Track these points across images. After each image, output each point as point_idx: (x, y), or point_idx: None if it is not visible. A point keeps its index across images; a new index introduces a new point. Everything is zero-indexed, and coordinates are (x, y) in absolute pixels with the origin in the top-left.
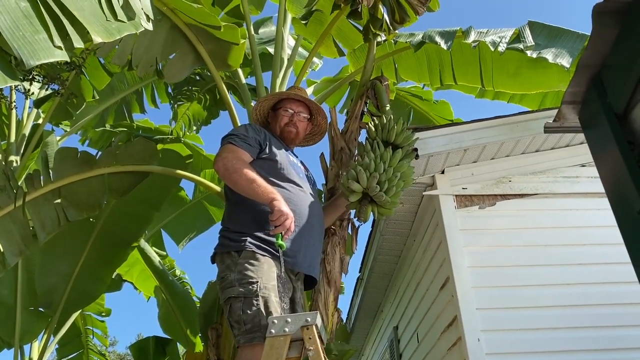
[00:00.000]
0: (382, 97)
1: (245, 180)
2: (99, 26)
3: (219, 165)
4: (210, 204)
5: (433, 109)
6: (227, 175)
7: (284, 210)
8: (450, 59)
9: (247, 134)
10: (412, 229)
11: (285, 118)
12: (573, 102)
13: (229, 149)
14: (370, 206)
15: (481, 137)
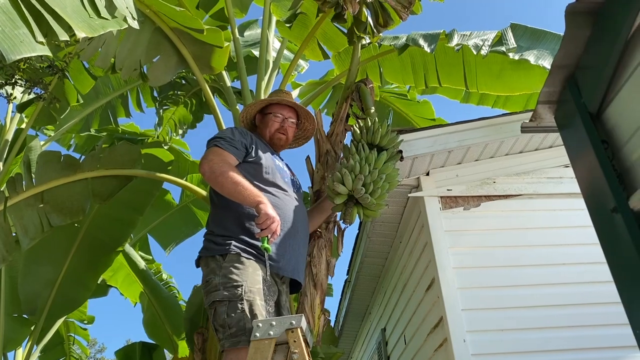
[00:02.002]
0: (367, 100)
1: (231, 183)
2: (81, 22)
3: (204, 167)
4: (197, 208)
5: (414, 110)
6: (213, 177)
7: (270, 213)
8: (435, 62)
9: (233, 137)
10: (398, 231)
11: (276, 124)
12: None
13: (215, 151)
14: (356, 208)
15: (466, 139)
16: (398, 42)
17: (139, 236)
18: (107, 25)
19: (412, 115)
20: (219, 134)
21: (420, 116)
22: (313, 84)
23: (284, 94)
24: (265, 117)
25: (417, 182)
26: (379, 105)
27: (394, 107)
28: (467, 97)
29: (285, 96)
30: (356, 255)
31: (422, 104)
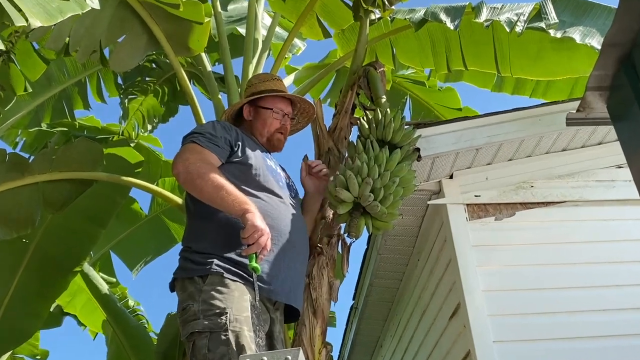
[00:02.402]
0: (376, 87)
1: (212, 186)
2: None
3: (178, 168)
4: (170, 219)
5: (436, 98)
6: (190, 180)
7: (258, 224)
8: (459, 41)
9: (214, 133)
10: (415, 246)
11: (277, 122)
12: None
13: (191, 149)
14: (364, 219)
15: (497, 134)
16: (414, 16)
17: (101, 253)
18: (65, 8)
19: (434, 104)
20: (197, 128)
21: (444, 105)
22: (311, 68)
23: (275, 82)
24: (260, 112)
25: (439, 186)
26: (392, 93)
27: (411, 95)
28: (499, 84)
29: (277, 84)
30: (364, 276)
31: (446, 92)
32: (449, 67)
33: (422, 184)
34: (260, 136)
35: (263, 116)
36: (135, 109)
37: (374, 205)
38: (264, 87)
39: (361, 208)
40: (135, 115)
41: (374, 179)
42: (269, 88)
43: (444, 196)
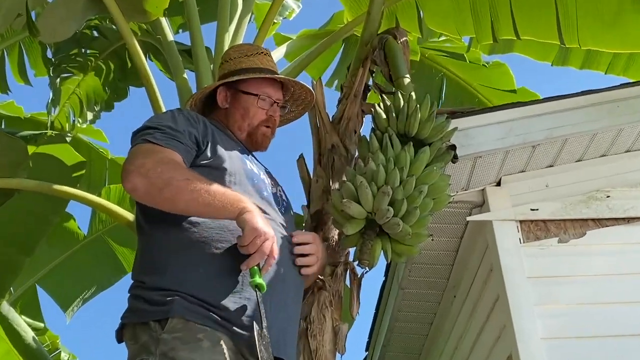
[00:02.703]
0: (397, 63)
1: (189, 192)
2: None
3: (133, 180)
4: (116, 242)
5: (480, 77)
6: (154, 193)
7: (259, 227)
8: (509, 0)
9: (175, 126)
10: (450, 278)
11: (263, 112)
12: None
13: (146, 150)
14: (380, 241)
15: (561, 125)
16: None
17: (23, 289)
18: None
19: (478, 85)
20: (150, 121)
21: (492, 86)
22: (309, 37)
23: (262, 57)
24: (241, 98)
25: (482, 197)
26: (419, 71)
27: (446, 73)
28: (563, 56)
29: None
30: (382, 318)
31: (494, 68)
32: (495, 36)
33: (459, 194)
34: (239, 130)
35: (244, 104)
36: (71, 92)
37: (394, 224)
38: (247, 63)
39: (377, 227)
40: (71, 101)
41: (393, 188)
42: (253, 66)
43: (489, 210)
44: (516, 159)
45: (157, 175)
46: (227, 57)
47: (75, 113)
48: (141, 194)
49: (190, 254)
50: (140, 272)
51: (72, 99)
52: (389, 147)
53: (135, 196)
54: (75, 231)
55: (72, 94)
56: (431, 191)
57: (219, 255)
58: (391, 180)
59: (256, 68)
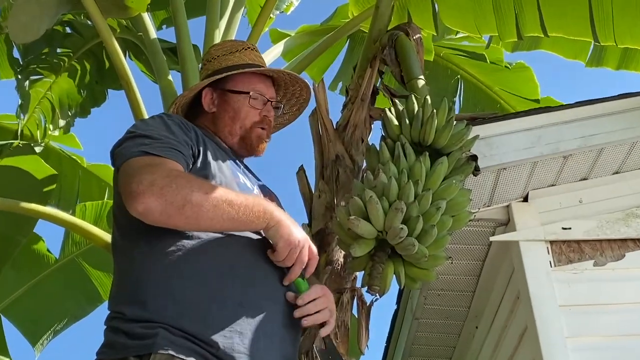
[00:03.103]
0: (409, 63)
1: (214, 207)
2: None
3: (147, 202)
4: (92, 266)
5: (502, 80)
6: (173, 214)
7: (292, 239)
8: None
9: (171, 135)
10: (471, 307)
11: (255, 113)
12: None
13: (148, 164)
14: (392, 265)
15: (596, 133)
16: None
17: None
18: None
19: (498, 89)
20: (140, 129)
21: (513, 92)
22: (310, 34)
23: (249, 52)
24: (229, 99)
25: (507, 214)
26: (434, 72)
27: (464, 76)
28: (597, 55)
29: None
30: (394, 351)
31: (517, 71)
32: (520, 33)
33: (481, 211)
34: (230, 135)
35: (234, 104)
36: (41, 96)
37: (409, 244)
38: (233, 61)
39: (388, 248)
40: (42, 106)
41: (407, 204)
42: (240, 62)
43: (516, 229)
44: (545, 171)
45: (174, 193)
46: (210, 57)
47: (46, 119)
48: (156, 216)
49: (176, 279)
50: (119, 301)
51: (43, 104)
52: (402, 157)
53: (148, 219)
54: (45, 254)
55: (43, 99)
56: (450, 207)
57: (209, 281)
58: (405, 195)
59: (244, 64)
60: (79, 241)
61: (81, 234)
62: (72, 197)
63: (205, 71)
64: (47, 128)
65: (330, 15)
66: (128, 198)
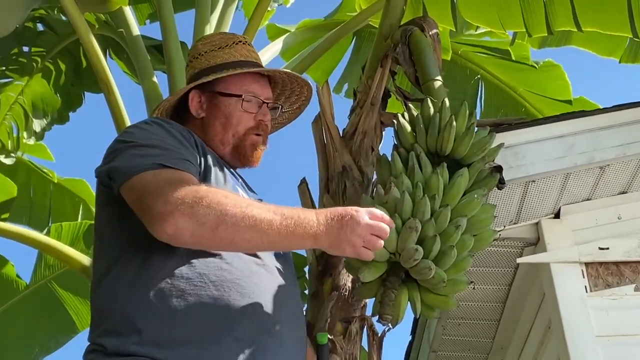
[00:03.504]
0: (425, 62)
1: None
2: None
3: (178, 224)
4: (67, 290)
5: (527, 81)
6: (206, 235)
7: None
8: None
9: (178, 144)
10: (496, 337)
11: (250, 118)
12: None
13: (168, 179)
14: (407, 291)
15: (635, 141)
16: None
17: None
18: None
19: (524, 90)
20: (137, 136)
21: (541, 93)
22: (312, 30)
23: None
24: (220, 103)
25: (536, 232)
26: (452, 72)
27: (484, 75)
28: (633, 51)
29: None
30: None
31: (545, 70)
32: (551, 28)
33: (506, 229)
34: (222, 144)
35: (225, 109)
36: (12, 101)
37: (425, 267)
38: (222, 57)
39: (402, 272)
40: (13, 112)
41: (423, 222)
42: (231, 59)
43: (546, 249)
44: (579, 183)
45: (205, 212)
46: (196, 53)
47: (19, 127)
48: (186, 239)
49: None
50: (100, 332)
51: (14, 110)
52: (417, 169)
53: (178, 242)
54: (14, 279)
55: (14, 104)
56: (471, 226)
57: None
58: (420, 211)
59: (235, 62)
60: (53, 264)
61: (55, 256)
62: (44, 214)
63: (191, 69)
64: (21, 137)
65: (335, 9)
66: (155, 220)
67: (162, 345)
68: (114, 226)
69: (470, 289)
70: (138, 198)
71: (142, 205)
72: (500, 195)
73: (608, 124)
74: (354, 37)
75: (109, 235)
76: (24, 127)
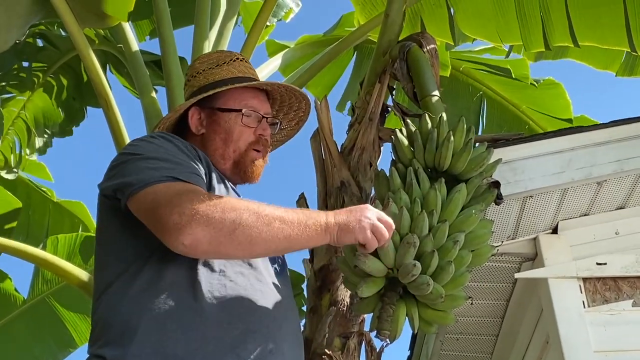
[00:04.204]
0: (423, 77)
1: (267, 226)
2: None
3: (194, 233)
4: (66, 307)
5: (529, 99)
6: (224, 242)
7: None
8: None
9: (185, 158)
10: (494, 352)
11: (250, 133)
12: None
13: (181, 191)
14: (404, 306)
15: (633, 156)
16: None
17: None
18: None
19: (526, 107)
20: (146, 149)
21: (543, 111)
22: (311, 45)
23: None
24: (220, 119)
25: (534, 248)
26: (452, 88)
27: (486, 92)
28: (630, 64)
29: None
30: None
31: (545, 88)
32: (548, 43)
33: (504, 244)
34: (223, 160)
35: (225, 125)
36: (15, 116)
37: (423, 283)
38: (220, 74)
39: (400, 288)
40: (15, 127)
41: (421, 237)
42: (228, 75)
43: (544, 264)
44: (577, 199)
45: (220, 218)
46: (194, 71)
47: (21, 143)
48: (205, 247)
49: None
50: (100, 344)
51: (17, 125)
52: (415, 184)
53: (196, 251)
54: (12, 294)
55: (16, 119)
56: (469, 241)
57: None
58: (418, 227)
59: (233, 78)
60: (51, 279)
61: (53, 271)
62: (41, 233)
63: (190, 88)
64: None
65: (334, 25)
66: (171, 232)
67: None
68: (118, 239)
69: (469, 304)
70: (150, 210)
71: (156, 217)
72: (498, 211)
73: (605, 139)
74: (355, 53)
75: (112, 247)
76: (26, 142)
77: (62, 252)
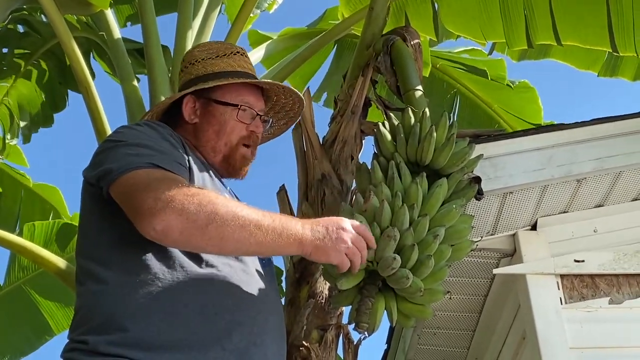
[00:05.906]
0: (407, 71)
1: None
2: None
3: (167, 220)
4: (41, 295)
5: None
6: (195, 234)
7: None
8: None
9: (169, 147)
10: (471, 347)
11: (243, 128)
12: None
13: (159, 178)
14: (383, 299)
15: (613, 154)
16: None
17: None
18: None
19: (498, 107)
20: (128, 136)
21: (514, 113)
22: (294, 37)
23: (238, 57)
24: (215, 110)
25: (513, 244)
26: (431, 85)
27: (460, 89)
28: (612, 65)
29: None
30: None
31: (520, 91)
32: (531, 41)
33: (484, 240)
34: (213, 152)
35: (220, 117)
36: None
37: (402, 277)
38: (219, 66)
39: (379, 281)
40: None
41: (401, 231)
42: (228, 69)
43: (522, 261)
44: (556, 196)
45: (196, 210)
46: (192, 59)
47: (4, 128)
48: (175, 236)
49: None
50: (82, 330)
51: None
52: (396, 178)
53: (166, 239)
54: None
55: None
56: (449, 236)
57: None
58: (398, 220)
59: (233, 72)
60: (27, 266)
61: (30, 258)
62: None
63: (186, 75)
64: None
65: (318, 18)
66: (144, 216)
67: (147, 348)
68: (102, 226)
69: (447, 299)
70: (128, 194)
71: (132, 201)
72: (479, 206)
73: (586, 137)
74: (335, 46)
75: (96, 235)
76: (8, 128)
77: (39, 239)
